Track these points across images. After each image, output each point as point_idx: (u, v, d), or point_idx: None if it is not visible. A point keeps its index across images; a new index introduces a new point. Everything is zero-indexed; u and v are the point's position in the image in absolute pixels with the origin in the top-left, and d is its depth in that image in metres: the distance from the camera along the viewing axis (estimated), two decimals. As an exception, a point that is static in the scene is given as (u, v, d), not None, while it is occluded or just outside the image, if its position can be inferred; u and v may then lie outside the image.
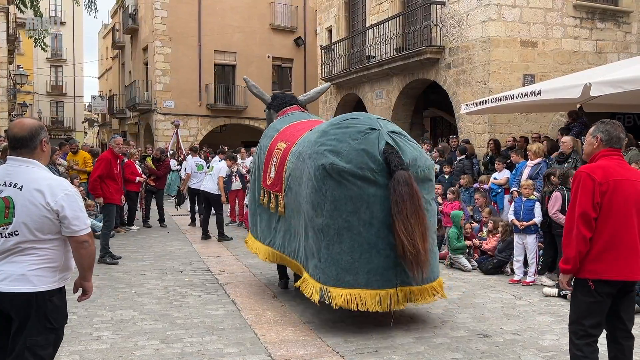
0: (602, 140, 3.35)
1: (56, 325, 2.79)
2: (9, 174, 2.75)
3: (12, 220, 2.67)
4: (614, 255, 3.18)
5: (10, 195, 2.69)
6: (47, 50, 17.97)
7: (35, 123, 2.88)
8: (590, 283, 3.21)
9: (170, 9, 24.02)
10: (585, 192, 3.20)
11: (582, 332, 3.23)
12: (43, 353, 2.74)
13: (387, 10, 15.23)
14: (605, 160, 3.30)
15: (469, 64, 12.03)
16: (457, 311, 5.59)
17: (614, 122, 3.42)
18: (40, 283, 2.71)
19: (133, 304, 5.70)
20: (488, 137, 11.37)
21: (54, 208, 2.68)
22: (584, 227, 3.17)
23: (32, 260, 2.70)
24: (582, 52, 12.06)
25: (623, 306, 3.30)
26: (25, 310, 2.69)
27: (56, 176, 2.95)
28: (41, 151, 2.82)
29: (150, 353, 4.33)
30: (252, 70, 25.46)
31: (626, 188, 3.21)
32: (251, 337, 4.72)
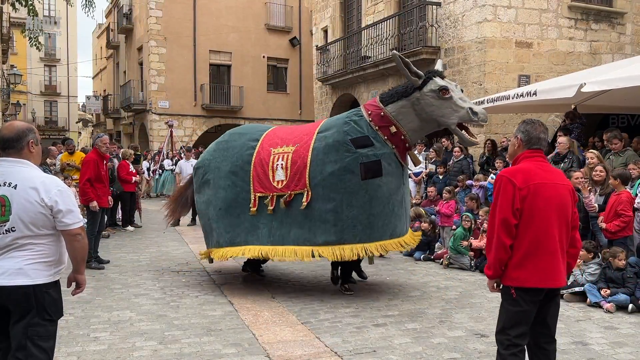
0: (522, 140, 3.21)
1: (54, 317, 2.92)
2: (2, 174, 2.87)
3: (9, 218, 2.81)
4: (535, 262, 3.04)
5: (5, 194, 2.82)
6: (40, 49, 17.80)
7: (24, 125, 3.02)
8: (512, 291, 3.09)
9: (165, 9, 23.97)
10: (505, 198, 3.05)
11: (507, 342, 3.09)
12: (45, 345, 2.86)
13: (382, 11, 15.26)
14: (527, 162, 3.16)
15: (464, 64, 12.06)
16: (454, 311, 5.60)
17: (535, 121, 3.26)
18: (37, 276, 2.83)
19: (130, 305, 5.67)
20: (483, 137, 11.41)
21: (48, 204, 2.82)
22: (503, 234, 3.04)
23: (29, 255, 2.83)
24: (577, 52, 12.13)
25: (549, 312, 3.18)
26: (23, 303, 2.81)
27: (48, 174, 3.09)
28: (29, 152, 2.95)
29: (148, 354, 4.31)
30: (247, 71, 25.46)
31: (547, 192, 3.07)
32: (249, 338, 4.71)
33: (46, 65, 43.71)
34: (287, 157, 5.93)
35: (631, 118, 11.61)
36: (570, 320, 5.29)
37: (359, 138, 5.74)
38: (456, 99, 5.56)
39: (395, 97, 5.80)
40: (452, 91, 5.56)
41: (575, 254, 3.31)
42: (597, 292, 5.77)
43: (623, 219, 6.17)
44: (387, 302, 5.91)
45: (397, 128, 5.75)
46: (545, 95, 8.26)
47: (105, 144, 8.07)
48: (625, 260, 5.88)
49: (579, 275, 6.08)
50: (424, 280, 7.01)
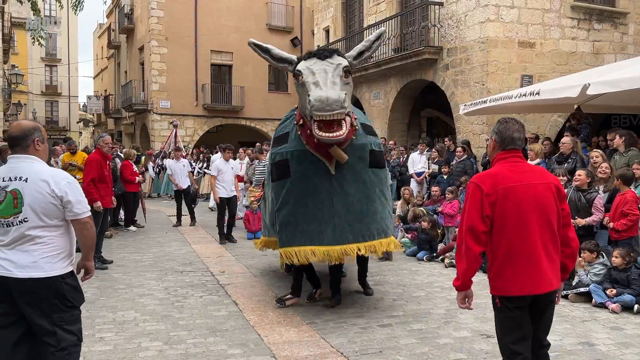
0: (496, 141, 3.08)
1: (76, 303, 3.15)
2: (13, 169, 3.05)
3: (22, 209, 2.97)
4: (513, 270, 2.91)
5: (17, 187, 2.99)
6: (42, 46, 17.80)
7: (30, 124, 3.20)
8: (497, 300, 3.01)
9: (167, 9, 23.95)
10: (472, 204, 2.93)
11: (507, 351, 2.99)
12: (73, 328, 3.11)
13: (384, 11, 15.26)
14: (500, 165, 3.03)
15: (467, 64, 12.05)
16: (459, 311, 5.58)
17: (510, 120, 3.11)
18: (50, 269, 3.01)
19: (134, 305, 5.67)
20: (486, 137, 11.41)
21: (58, 194, 3.00)
22: (472, 241, 2.90)
23: (42, 249, 3.01)
24: (580, 52, 12.12)
25: (539, 316, 3.04)
26: (40, 294, 2.99)
27: (54, 168, 3.28)
28: (34, 149, 3.10)
29: (154, 354, 4.31)
30: (248, 70, 25.44)
31: (519, 194, 2.91)
32: (254, 338, 4.71)
33: (47, 65, 43.74)
34: None
35: (633, 118, 11.60)
36: (575, 321, 5.28)
37: (278, 136, 5.40)
38: (308, 85, 4.62)
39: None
40: (305, 75, 4.67)
41: (571, 254, 3.11)
42: (602, 292, 5.76)
43: (630, 217, 6.16)
44: (392, 303, 5.91)
45: (304, 121, 4.95)
46: (548, 95, 8.24)
47: (108, 144, 8.03)
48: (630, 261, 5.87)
49: (584, 276, 6.07)
50: (428, 281, 7.00)
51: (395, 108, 15.37)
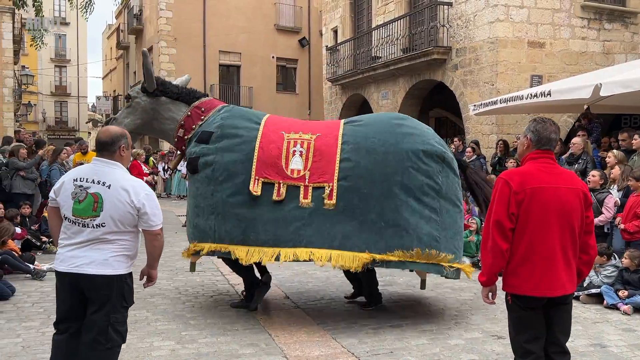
0: (532, 140, 3.07)
1: (129, 304, 3.30)
2: (97, 173, 3.20)
3: (100, 214, 3.13)
4: (529, 269, 2.92)
5: (99, 192, 3.14)
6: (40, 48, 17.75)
7: (118, 130, 3.38)
8: (509, 298, 3.02)
9: (175, 10, 24.06)
10: (501, 201, 2.95)
11: (520, 349, 3.00)
12: (122, 329, 3.24)
13: (393, 11, 15.24)
14: (531, 164, 3.04)
15: (476, 64, 12.02)
16: (470, 312, 5.59)
17: (547, 120, 3.12)
18: (119, 267, 3.18)
19: (146, 305, 5.70)
20: (496, 137, 11.38)
21: (136, 205, 3.16)
22: (499, 237, 2.92)
23: (113, 248, 3.17)
24: (590, 52, 12.05)
25: (554, 319, 3.02)
26: (105, 291, 3.15)
27: (135, 178, 3.41)
28: (120, 155, 3.27)
29: (167, 354, 4.34)
30: (256, 71, 25.51)
31: (546, 196, 2.92)
32: (265, 338, 4.72)
33: (56, 65, 44.04)
34: (308, 144, 5.16)
35: (644, 118, 11.54)
36: (587, 322, 5.26)
37: None
38: None
39: None
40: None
41: (588, 261, 3.11)
42: (614, 294, 5.73)
43: None
44: (402, 304, 5.91)
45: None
46: (559, 95, 8.21)
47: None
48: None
49: (595, 277, 6.04)
50: (437, 282, 6.98)
51: (403, 108, 15.34)
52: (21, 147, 9.27)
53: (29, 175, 9.06)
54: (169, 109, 5.62)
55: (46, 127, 42.43)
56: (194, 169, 5.23)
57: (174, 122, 5.59)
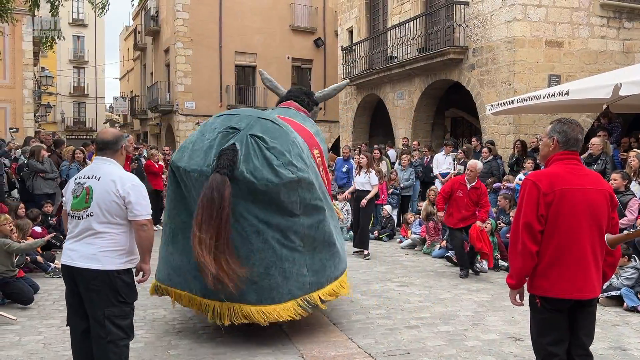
0: (558, 141, 3.03)
1: (128, 300, 3.34)
2: (93, 169, 3.39)
3: (90, 204, 3.26)
4: (558, 272, 2.90)
5: (91, 184, 3.30)
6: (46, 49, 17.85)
7: (117, 131, 3.65)
8: (537, 300, 2.98)
9: (192, 11, 24.23)
10: (529, 203, 2.92)
11: (543, 351, 2.98)
12: (122, 323, 3.29)
13: (409, 11, 15.18)
14: (557, 165, 3.00)
15: (493, 64, 11.93)
16: (486, 314, 5.55)
17: (572, 121, 3.10)
18: (107, 263, 3.23)
19: (163, 303, 5.74)
20: (513, 137, 11.28)
21: (121, 195, 3.25)
22: (528, 240, 2.90)
23: (102, 243, 3.25)
24: (609, 52, 11.88)
25: (580, 322, 3.00)
26: (94, 284, 3.22)
27: (129, 173, 3.52)
28: (120, 154, 3.47)
29: (184, 352, 4.38)
30: (271, 71, 25.38)
31: (574, 197, 2.89)
32: (282, 338, 4.75)
33: (75, 67, 44.58)
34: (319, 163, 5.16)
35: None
36: (607, 325, 5.20)
37: None
38: None
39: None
40: None
41: (613, 263, 3.09)
42: (634, 296, 5.66)
43: None
44: (418, 304, 5.89)
45: None
46: (578, 95, 8.11)
47: (132, 144, 8.24)
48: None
49: (614, 279, 5.96)
50: (454, 283, 6.96)
51: (419, 108, 15.28)
52: (42, 148, 9.42)
53: (48, 175, 9.21)
54: None
55: (65, 128, 43.00)
56: None
57: None
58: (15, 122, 18.14)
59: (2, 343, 4.56)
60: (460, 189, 7.26)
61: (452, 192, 7.31)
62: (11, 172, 10.06)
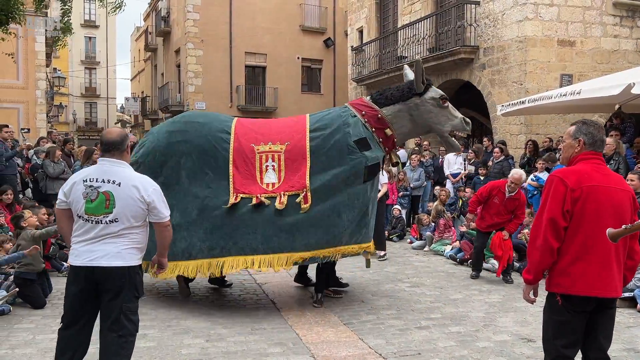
0: (585, 143, 3.02)
1: (140, 295, 3.44)
2: (106, 172, 3.35)
3: (112, 211, 3.29)
4: (582, 269, 2.85)
5: (110, 190, 3.30)
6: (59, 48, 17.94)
7: (123, 131, 3.62)
8: (558, 298, 2.92)
9: (202, 12, 24.35)
10: (555, 198, 2.88)
11: (555, 352, 2.94)
12: (134, 318, 3.39)
13: (419, 11, 15.15)
14: (583, 164, 2.99)
15: (504, 64, 11.87)
16: (498, 315, 5.53)
17: (596, 122, 3.10)
18: (131, 259, 3.34)
19: (175, 303, 5.80)
20: (524, 138, 11.22)
21: (147, 200, 3.34)
22: (551, 235, 2.87)
23: (125, 242, 3.33)
24: (622, 51, 11.78)
25: (599, 324, 2.95)
26: (119, 281, 3.30)
27: (142, 175, 3.57)
28: (127, 154, 3.48)
29: (196, 351, 4.40)
30: (281, 72, 25.64)
31: (601, 196, 2.88)
32: (293, 338, 4.76)
33: (87, 67, 44.95)
34: (277, 157, 5.57)
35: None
36: (620, 327, 5.15)
37: (361, 140, 5.57)
38: (451, 109, 5.96)
39: (392, 100, 5.79)
40: (448, 101, 5.94)
41: (632, 266, 3.05)
42: (648, 297, 5.60)
43: None
44: (429, 305, 5.88)
45: (392, 131, 5.76)
46: (590, 95, 8.05)
47: (133, 142, 8.31)
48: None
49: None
50: (465, 283, 6.93)
51: (429, 108, 15.22)
52: (56, 149, 9.51)
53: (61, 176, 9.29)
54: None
55: (76, 128, 43.36)
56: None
57: None
58: (28, 122, 18.35)
59: (16, 341, 4.61)
60: (498, 195, 6.97)
61: (489, 197, 7.05)
62: (24, 172, 10.17)
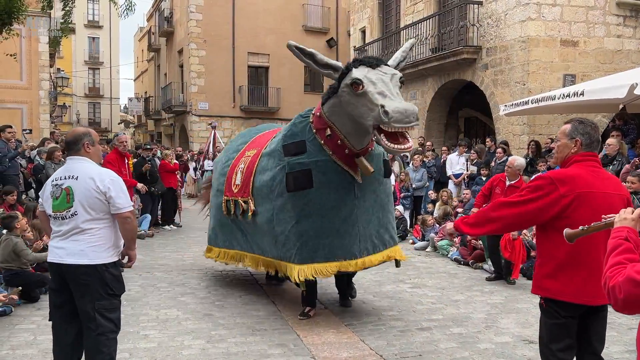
0: (582, 144, 2.92)
1: (117, 292, 3.41)
2: (68, 169, 3.45)
3: (73, 204, 3.33)
4: (570, 275, 2.79)
5: (69, 185, 3.36)
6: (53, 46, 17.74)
7: (82, 129, 3.62)
8: (542, 301, 2.91)
9: (205, 12, 24.39)
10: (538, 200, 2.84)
11: (551, 356, 2.89)
12: (112, 316, 3.36)
13: (422, 11, 15.13)
14: (579, 167, 2.89)
15: (507, 64, 11.84)
16: (499, 316, 5.51)
17: (592, 122, 3.01)
18: (95, 257, 3.32)
19: (176, 304, 5.80)
20: (527, 138, 11.19)
21: (102, 190, 3.32)
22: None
23: (89, 239, 3.33)
24: (626, 51, 11.74)
25: (591, 328, 2.92)
26: (83, 279, 3.29)
27: (105, 168, 3.67)
28: (85, 151, 3.46)
29: (197, 352, 4.40)
30: (284, 72, 25.64)
31: (597, 201, 2.77)
32: (294, 339, 4.75)
33: (90, 68, 45.05)
34: (246, 161, 5.80)
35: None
36: (622, 328, 5.13)
37: (291, 144, 4.98)
38: (372, 95, 4.27)
39: (329, 94, 4.76)
40: (367, 85, 4.32)
41: None
42: (650, 299, 5.56)
43: None
44: (430, 306, 5.86)
45: (332, 130, 4.79)
46: (593, 95, 8.02)
47: (123, 143, 8.32)
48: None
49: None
50: (467, 284, 6.91)
51: (432, 108, 15.22)
52: (57, 149, 9.52)
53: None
54: None
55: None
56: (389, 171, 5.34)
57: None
58: (31, 123, 18.39)
59: (17, 342, 4.62)
60: (499, 185, 6.75)
61: (491, 188, 6.87)
62: (27, 172, 10.20)
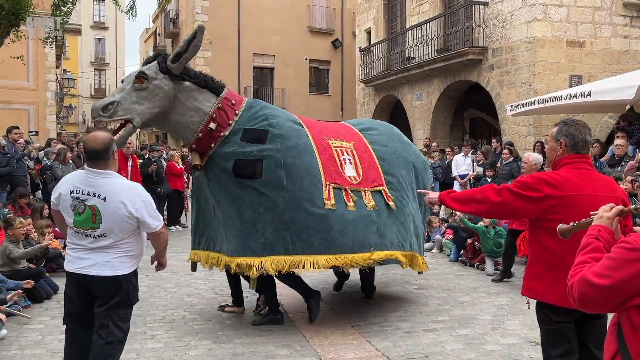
0: (566, 145, 2.85)
1: (133, 302, 3.44)
2: (92, 185, 3.24)
3: (100, 226, 3.24)
4: (556, 278, 2.70)
5: (96, 204, 3.23)
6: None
7: (106, 135, 3.40)
8: (527, 302, 2.88)
9: (211, 13, 24.44)
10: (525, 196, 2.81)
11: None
12: (123, 325, 3.38)
13: (427, 11, 15.12)
14: (568, 170, 2.82)
15: (513, 64, 11.82)
16: (506, 318, 5.50)
17: (579, 122, 2.92)
18: (121, 268, 3.31)
19: (183, 304, 5.82)
20: (533, 139, 11.16)
21: (135, 215, 3.26)
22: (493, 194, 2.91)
23: (115, 252, 3.31)
24: (632, 51, 11.69)
25: (589, 334, 2.83)
26: (110, 290, 3.29)
27: (130, 183, 3.49)
28: (113, 160, 3.36)
29: (203, 353, 4.42)
30: (289, 73, 25.66)
31: (584, 204, 2.68)
32: (300, 340, 4.76)
33: (96, 69, 45.23)
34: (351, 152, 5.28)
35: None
36: (630, 330, 5.11)
37: None
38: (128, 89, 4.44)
39: None
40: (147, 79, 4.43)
41: None
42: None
43: None
44: (437, 307, 5.86)
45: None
46: (600, 96, 7.99)
47: (127, 145, 8.46)
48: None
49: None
50: (473, 286, 6.90)
51: (438, 109, 15.20)
52: (67, 151, 9.56)
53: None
54: (194, 98, 4.70)
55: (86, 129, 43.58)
56: (254, 172, 4.59)
57: (200, 115, 4.68)
58: (38, 123, 18.48)
59: (25, 342, 4.65)
60: None
61: None
62: (35, 173, 10.25)
